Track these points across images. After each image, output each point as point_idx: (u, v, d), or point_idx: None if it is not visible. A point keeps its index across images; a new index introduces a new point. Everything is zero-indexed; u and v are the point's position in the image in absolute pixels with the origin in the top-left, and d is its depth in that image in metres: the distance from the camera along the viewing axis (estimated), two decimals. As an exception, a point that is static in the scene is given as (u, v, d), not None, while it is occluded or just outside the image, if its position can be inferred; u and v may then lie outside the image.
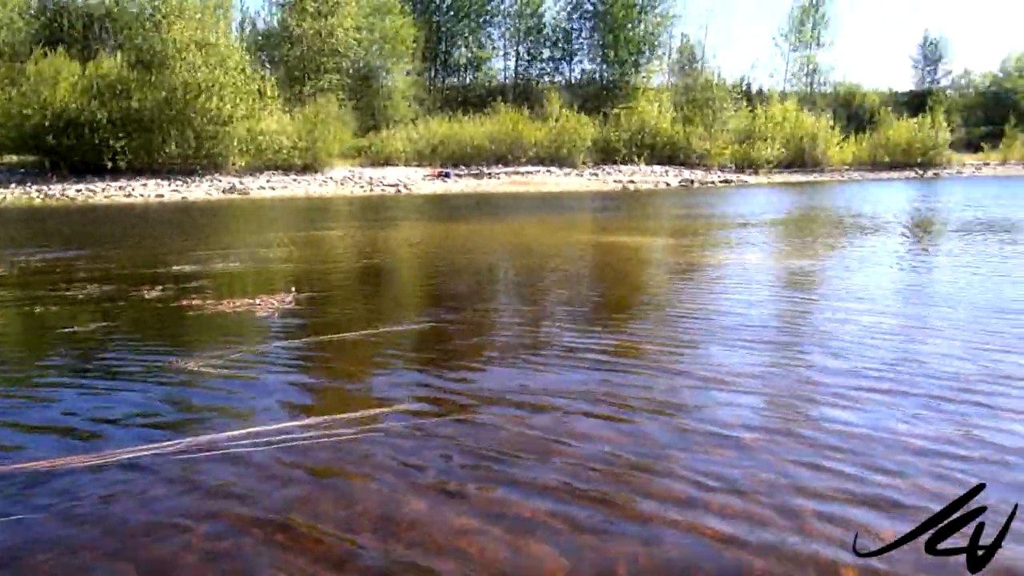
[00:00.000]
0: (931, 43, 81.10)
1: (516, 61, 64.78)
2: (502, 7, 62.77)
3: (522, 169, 44.45)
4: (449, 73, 64.11)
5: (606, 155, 50.23)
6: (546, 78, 64.32)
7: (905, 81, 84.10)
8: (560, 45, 63.99)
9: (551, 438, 3.60)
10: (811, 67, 73.77)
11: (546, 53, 64.89)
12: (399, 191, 34.98)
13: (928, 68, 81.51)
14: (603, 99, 56.81)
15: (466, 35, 62.00)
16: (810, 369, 4.76)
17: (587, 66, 63.03)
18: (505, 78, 64.93)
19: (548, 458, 3.36)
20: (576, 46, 63.58)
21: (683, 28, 66.32)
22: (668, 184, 44.28)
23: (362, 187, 35.74)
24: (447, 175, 40.57)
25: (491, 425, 3.81)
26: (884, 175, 55.77)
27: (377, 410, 4.03)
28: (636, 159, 50.32)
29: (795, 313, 6.66)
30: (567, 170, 46.02)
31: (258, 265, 10.47)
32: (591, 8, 61.26)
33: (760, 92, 68.76)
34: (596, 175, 45.81)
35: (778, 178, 51.41)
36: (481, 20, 62.34)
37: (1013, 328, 5.74)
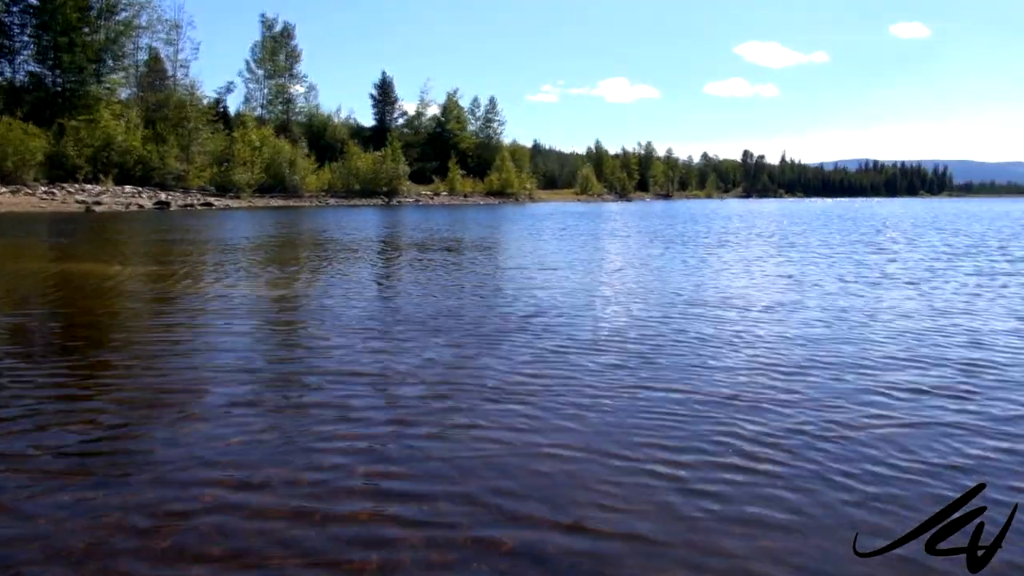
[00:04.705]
0: (387, 83, 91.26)
1: (-68, 52, 52.82)
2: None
3: (-52, 184, 36.48)
4: None
5: (65, 172, 44.34)
6: (-22, 77, 53.97)
7: (368, 117, 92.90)
8: (-4, 40, 54.43)
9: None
10: (285, 96, 76.56)
11: (-23, 47, 54.48)
12: None
13: (388, 107, 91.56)
14: (57, 108, 50.00)
15: None
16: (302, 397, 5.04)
17: (34, 68, 54.69)
18: (-84, 71, 52.41)
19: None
20: (18, 44, 54.71)
21: (151, 40, 61.86)
22: (142, 206, 41.17)
23: None
24: None
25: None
26: (356, 202, 60.87)
27: None
28: (103, 178, 45.55)
29: (275, 344, 6.91)
30: (14, 187, 39.28)
31: None
32: (36, 3, 53.32)
33: (238, 115, 68.59)
34: (53, 194, 40.10)
35: (259, 202, 52.02)
36: None
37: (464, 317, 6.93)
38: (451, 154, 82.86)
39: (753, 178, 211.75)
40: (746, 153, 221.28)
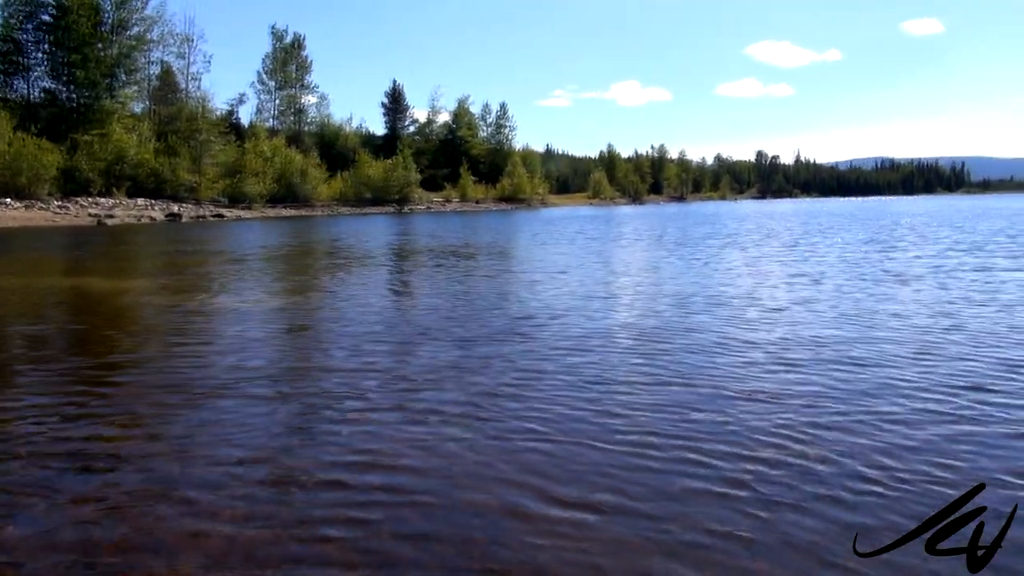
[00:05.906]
0: (398, 91, 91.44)
1: (-50, 71, 53.46)
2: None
3: (-36, 201, 36.96)
4: None
5: (78, 186, 44.81)
6: (-6, 94, 54.52)
7: (379, 125, 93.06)
8: (11, 58, 54.95)
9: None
10: (297, 106, 76.99)
11: (-8, 65, 55.09)
12: None
13: (399, 115, 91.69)
14: (71, 123, 50.52)
15: None
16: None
17: (48, 85, 55.27)
18: (-65, 89, 53.07)
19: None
20: (32, 61, 55.31)
21: (163, 54, 62.41)
22: (153, 218, 41.55)
23: None
24: None
25: None
26: (368, 210, 61.07)
27: None
28: (115, 191, 46.02)
29: (289, 360, 6.87)
30: (28, 202, 39.75)
31: None
32: (50, 20, 53.93)
33: (250, 126, 68.98)
34: (66, 208, 40.57)
35: (271, 212, 52.32)
36: None
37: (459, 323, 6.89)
38: (462, 160, 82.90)
39: (768, 179, 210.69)
40: (760, 154, 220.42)
